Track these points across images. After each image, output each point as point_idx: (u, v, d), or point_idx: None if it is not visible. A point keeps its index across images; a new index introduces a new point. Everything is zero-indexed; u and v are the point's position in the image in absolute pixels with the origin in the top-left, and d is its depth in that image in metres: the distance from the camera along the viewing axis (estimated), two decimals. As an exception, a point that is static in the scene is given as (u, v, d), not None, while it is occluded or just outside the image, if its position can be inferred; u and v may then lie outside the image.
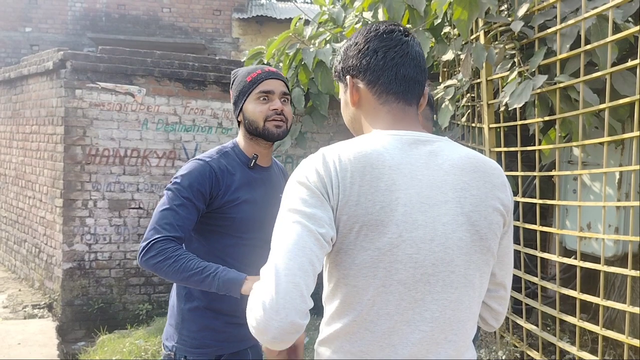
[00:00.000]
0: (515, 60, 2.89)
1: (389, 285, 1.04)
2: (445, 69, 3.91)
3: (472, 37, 3.11)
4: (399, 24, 1.21)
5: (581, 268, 2.56)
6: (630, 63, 2.22)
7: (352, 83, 1.19)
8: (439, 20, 3.31)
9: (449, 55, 3.42)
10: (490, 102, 3.13)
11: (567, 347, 2.67)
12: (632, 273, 2.22)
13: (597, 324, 2.43)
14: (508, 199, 1.15)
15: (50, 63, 5.27)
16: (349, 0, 4.23)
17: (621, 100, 2.27)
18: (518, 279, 3.11)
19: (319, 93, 4.61)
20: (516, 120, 2.93)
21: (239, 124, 1.88)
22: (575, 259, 2.58)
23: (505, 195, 1.15)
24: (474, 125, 3.45)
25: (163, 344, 1.85)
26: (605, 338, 2.44)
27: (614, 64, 2.34)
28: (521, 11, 2.76)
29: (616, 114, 2.66)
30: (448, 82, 3.52)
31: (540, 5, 2.71)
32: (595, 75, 2.39)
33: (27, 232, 6.12)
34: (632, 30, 2.21)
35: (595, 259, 2.70)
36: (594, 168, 3.05)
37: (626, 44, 2.65)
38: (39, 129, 5.75)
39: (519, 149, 2.94)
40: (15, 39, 10.64)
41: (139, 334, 4.56)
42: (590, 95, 2.47)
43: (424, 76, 1.20)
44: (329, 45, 4.17)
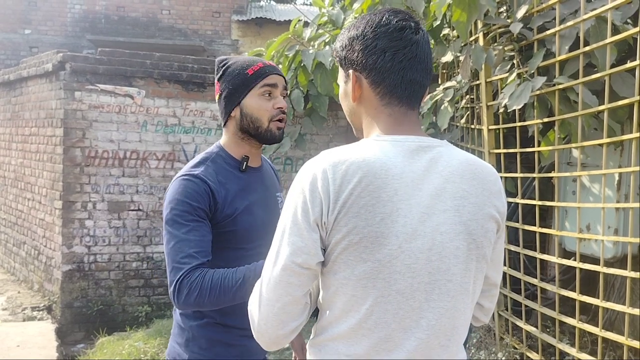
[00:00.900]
0: (515, 61, 2.89)
1: (387, 295, 1.04)
2: (444, 71, 3.92)
3: (471, 39, 3.12)
4: (410, 17, 1.15)
5: (581, 269, 2.56)
6: (629, 64, 2.22)
7: (355, 78, 1.15)
8: (438, 22, 3.31)
9: (448, 57, 3.43)
10: (489, 104, 3.14)
11: (567, 349, 2.67)
12: (632, 274, 2.22)
13: (597, 326, 2.43)
14: (503, 206, 1.16)
15: (50, 65, 5.27)
16: (348, 2, 4.23)
17: (620, 102, 2.27)
18: (517, 281, 3.11)
19: (319, 95, 4.61)
20: (515, 122, 2.93)
21: (225, 122, 1.68)
22: (575, 260, 2.58)
23: (501, 202, 1.15)
24: (473, 126, 3.45)
25: None
26: (604, 339, 2.44)
27: (613, 66, 2.34)
28: (520, 13, 2.77)
29: (615, 115, 2.66)
30: (447, 84, 3.52)
31: (539, 7, 2.71)
32: (594, 76, 2.39)
33: (27, 234, 6.11)
34: (631, 31, 2.21)
35: (595, 261, 2.70)
36: (593, 169, 3.05)
37: (625, 46, 2.65)
38: (38, 131, 5.75)
39: (518, 150, 2.94)
40: (14, 41, 10.64)
41: (138, 336, 4.55)
42: (589, 97, 2.47)
43: (429, 79, 1.17)
44: (328, 47, 4.17)
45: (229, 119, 1.66)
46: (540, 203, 2.80)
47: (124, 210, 5.28)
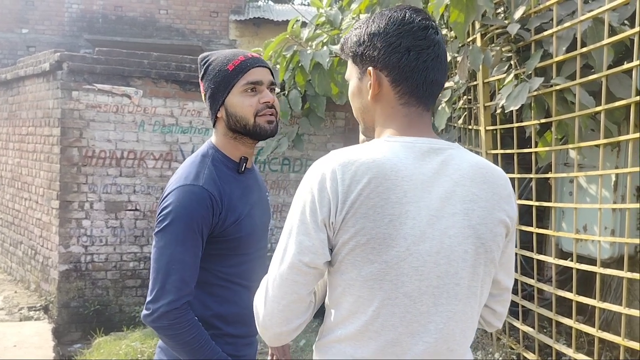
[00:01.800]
0: (512, 62, 2.90)
1: (394, 297, 1.04)
2: (442, 71, 3.92)
3: (469, 40, 3.12)
4: (429, 16, 1.13)
5: (577, 270, 2.57)
6: (626, 66, 2.23)
7: (376, 76, 1.11)
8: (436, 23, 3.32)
9: (446, 58, 3.43)
10: (486, 105, 3.14)
11: (564, 349, 2.67)
12: (628, 275, 2.22)
13: (594, 326, 2.43)
14: (513, 211, 1.14)
15: (47, 64, 5.26)
16: (346, 3, 4.23)
17: (617, 103, 2.28)
18: (515, 281, 3.11)
19: (316, 95, 4.61)
20: (512, 123, 2.93)
21: (214, 123, 1.61)
22: (572, 261, 2.58)
23: (511, 207, 1.14)
24: (470, 127, 3.46)
25: None
26: (601, 340, 2.44)
27: (609, 67, 2.34)
28: (517, 14, 2.77)
29: (612, 116, 2.67)
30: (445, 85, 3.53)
31: (537, 8, 2.72)
32: (591, 77, 2.40)
33: (23, 234, 6.10)
34: (628, 33, 2.22)
35: (592, 261, 2.70)
36: (590, 170, 3.06)
37: (622, 47, 2.66)
38: (35, 131, 5.73)
39: (515, 151, 2.95)
40: (11, 41, 10.62)
41: (135, 336, 4.54)
42: (586, 98, 2.48)
43: (446, 78, 1.16)
44: (326, 47, 4.17)
45: (217, 119, 1.60)
46: (537, 204, 2.81)
47: (121, 210, 5.27)
